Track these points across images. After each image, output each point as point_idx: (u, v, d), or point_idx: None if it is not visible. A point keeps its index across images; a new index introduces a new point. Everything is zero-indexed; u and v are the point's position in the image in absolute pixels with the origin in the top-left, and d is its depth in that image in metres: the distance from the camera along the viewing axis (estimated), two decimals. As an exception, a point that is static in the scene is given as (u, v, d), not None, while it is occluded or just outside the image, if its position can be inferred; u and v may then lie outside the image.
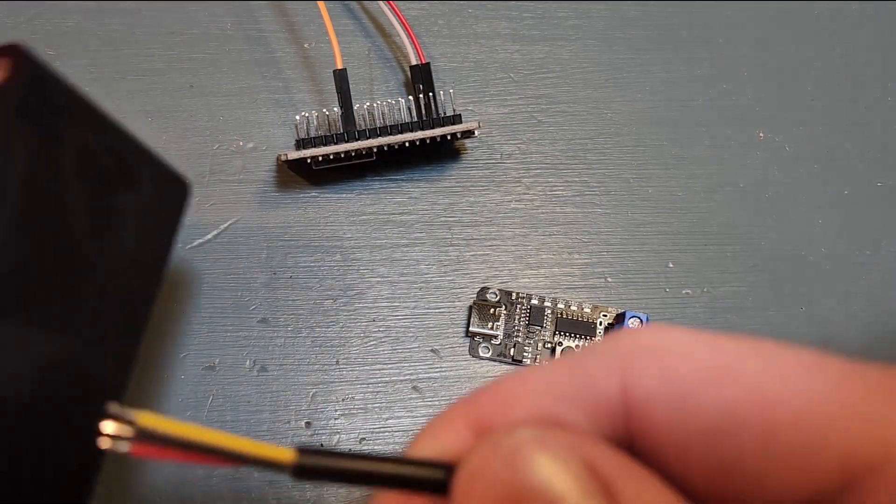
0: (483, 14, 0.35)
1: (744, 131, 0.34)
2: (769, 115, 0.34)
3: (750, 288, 0.31)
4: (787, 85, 0.35)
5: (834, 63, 0.35)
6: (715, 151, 0.33)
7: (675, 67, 0.35)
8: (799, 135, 0.34)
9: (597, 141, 0.33)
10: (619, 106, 0.34)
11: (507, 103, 0.33)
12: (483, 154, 0.32)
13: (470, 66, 0.34)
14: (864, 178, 0.34)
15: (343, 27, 0.33)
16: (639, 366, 0.13)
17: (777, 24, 0.36)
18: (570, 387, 0.13)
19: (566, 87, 0.34)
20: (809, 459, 0.12)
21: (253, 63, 0.33)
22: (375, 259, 0.30)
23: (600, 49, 0.35)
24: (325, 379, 0.29)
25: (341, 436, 0.28)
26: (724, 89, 0.34)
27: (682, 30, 0.35)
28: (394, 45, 0.33)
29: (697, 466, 0.12)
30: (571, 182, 0.32)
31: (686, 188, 0.33)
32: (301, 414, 0.28)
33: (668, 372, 0.13)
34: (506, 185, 0.32)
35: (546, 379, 0.13)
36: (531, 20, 0.35)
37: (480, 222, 0.31)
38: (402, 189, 0.32)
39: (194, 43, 0.33)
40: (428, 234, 0.31)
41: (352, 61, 0.32)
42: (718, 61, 0.35)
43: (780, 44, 0.35)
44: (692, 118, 0.34)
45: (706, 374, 0.12)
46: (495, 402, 0.13)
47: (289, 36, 0.33)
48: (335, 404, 0.28)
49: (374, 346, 0.29)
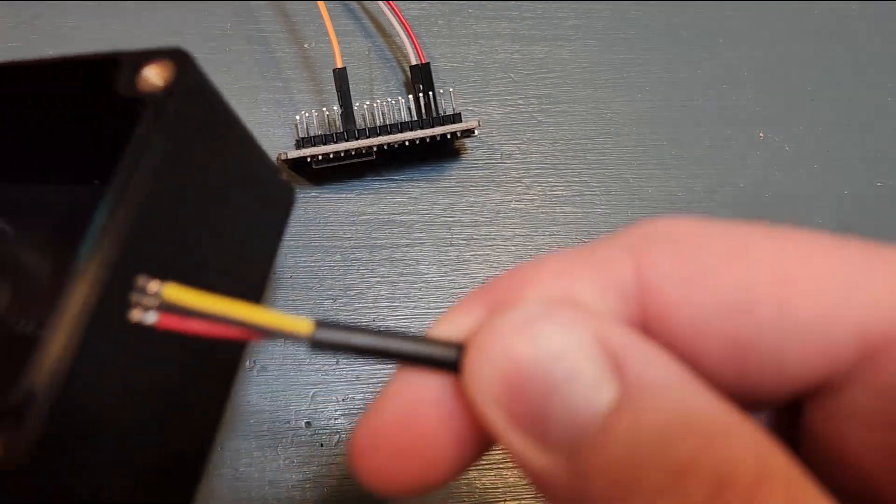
0: (483, 14, 0.35)
1: (744, 131, 0.34)
2: (769, 115, 0.34)
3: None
4: (787, 85, 0.35)
5: (834, 63, 0.35)
6: (715, 151, 0.33)
7: (676, 67, 0.35)
8: (799, 135, 0.34)
9: (597, 141, 0.33)
10: (619, 106, 0.34)
11: (507, 103, 0.33)
12: (483, 154, 0.32)
13: (470, 66, 0.34)
14: (864, 179, 0.33)
15: (343, 27, 0.33)
16: (654, 249, 0.13)
17: (777, 23, 0.36)
18: (585, 270, 0.13)
19: (566, 87, 0.34)
20: (826, 332, 0.12)
21: (253, 63, 0.33)
22: (375, 259, 0.30)
23: (600, 49, 0.35)
24: (326, 379, 0.28)
25: (342, 435, 0.28)
26: (724, 89, 0.34)
27: (682, 30, 0.35)
28: (394, 44, 0.33)
29: (713, 347, 0.12)
30: (572, 182, 0.32)
31: (686, 188, 0.33)
32: (301, 414, 0.28)
33: (682, 253, 0.12)
34: (506, 186, 0.32)
35: (562, 263, 0.13)
36: (531, 20, 0.35)
37: (480, 222, 0.31)
38: (402, 189, 0.31)
39: (194, 43, 0.33)
40: (428, 234, 0.31)
41: (352, 61, 0.32)
42: (719, 61, 0.35)
43: (780, 44, 0.35)
44: (692, 118, 0.34)
45: (721, 254, 0.12)
46: (511, 284, 0.13)
47: (289, 36, 0.33)
48: (335, 404, 0.28)
49: (374, 346, 0.29)
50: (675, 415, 0.11)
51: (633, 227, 0.13)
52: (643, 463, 0.10)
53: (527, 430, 0.12)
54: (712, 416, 0.11)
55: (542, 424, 0.11)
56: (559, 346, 0.11)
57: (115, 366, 0.16)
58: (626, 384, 0.11)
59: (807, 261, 0.12)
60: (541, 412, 0.11)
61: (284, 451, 0.27)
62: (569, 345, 0.11)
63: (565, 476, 0.11)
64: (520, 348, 0.12)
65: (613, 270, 0.13)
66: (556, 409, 0.11)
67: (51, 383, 0.14)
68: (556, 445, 0.11)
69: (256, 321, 0.13)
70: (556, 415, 0.11)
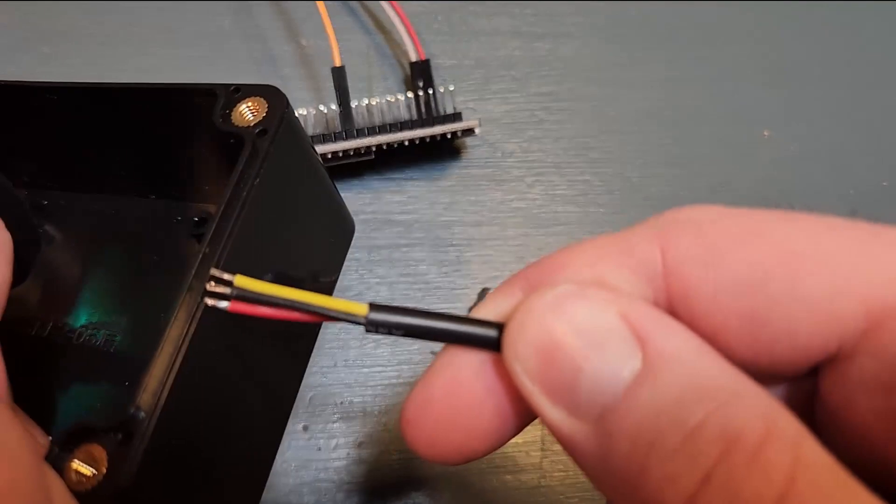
0: (484, 10, 0.34)
1: (749, 130, 0.33)
2: (774, 113, 0.34)
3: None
4: (791, 83, 0.34)
5: (840, 61, 0.35)
6: (719, 150, 0.33)
7: (680, 65, 0.34)
8: (804, 133, 0.34)
9: (599, 139, 0.33)
10: (622, 104, 0.33)
11: (509, 101, 0.33)
12: (484, 152, 0.32)
13: (471, 64, 0.33)
14: (869, 178, 0.33)
15: (342, 24, 0.33)
16: (676, 233, 0.14)
17: (783, 21, 0.35)
18: (614, 255, 0.14)
19: (569, 85, 0.33)
20: (834, 304, 0.13)
21: (250, 60, 0.33)
22: (374, 259, 0.30)
23: (604, 46, 0.34)
24: (323, 382, 0.28)
25: (339, 439, 0.27)
26: (728, 87, 0.34)
27: (686, 27, 0.35)
28: (393, 42, 0.33)
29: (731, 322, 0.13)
30: (574, 181, 0.32)
31: (689, 188, 0.32)
32: (298, 417, 0.28)
33: (702, 235, 0.14)
34: (507, 184, 0.32)
35: (592, 248, 0.15)
36: (533, 17, 0.34)
37: (481, 222, 0.31)
38: (402, 188, 0.31)
39: (191, 40, 0.33)
40: (428, 233, 0.30)
41: (350, 59, 0.31)
42: (723, 59, 0.34)
43: (785, 41, 0.35)
44: (696, 117, 0.33)
45: (737, 236, 0.14)
46: (545, 268, 0.15)
47: (286, 33, 0.33)
48: (333, 407, 0.28)
49: (373, 349, 0.29)
50: (690, 382, 0.12)
51: (660, 214, 0.15)
52: (661, 426, 0.12)
53: (559, 399, 0.13)
54: (724, 383, 0.12)
55: (572, 394, 0.13)
56: (588, 323, 0.13)
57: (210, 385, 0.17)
58: (648, 356, 0.12)
59: (816, 240, 0.13)
60: (571, 383, 0.13)
61: (281, 455, 0.27)
62: (597, 321, 0.13)
63: (593, 440, 0.12)
64: (553, 325, 0.13)
65: (640, 255, 0.14)
66: (585, 379, 0.13)
67: (155, 404, 0.15)
68: (585, 413, 0.13)
69: (318, 304, 0.14)
70: (585, 385, 0.13)
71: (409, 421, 0.15)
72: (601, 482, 0.13)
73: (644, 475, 0.12)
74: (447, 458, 0.15)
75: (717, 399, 0.12)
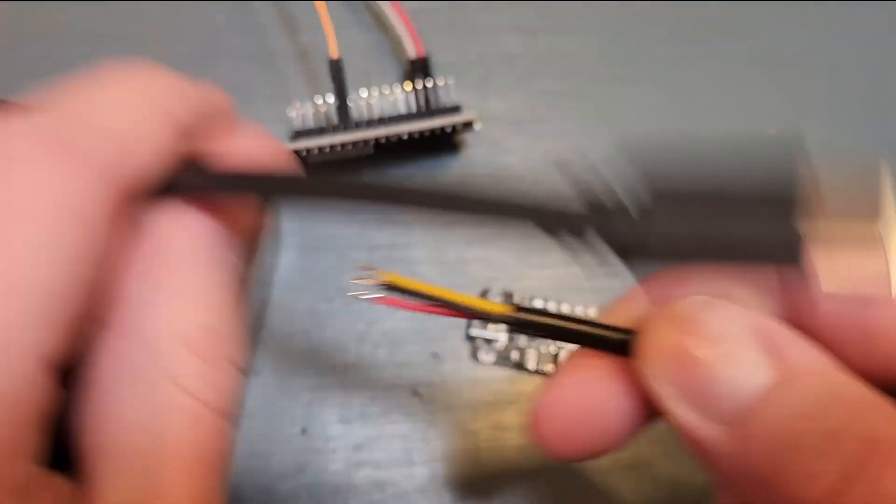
0: (485, 5, 0.34)
1: (755, 128, 0.33)
2: (781, 111, 0.33)
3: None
4: (798, 80, 0.34)
5: (847, 58, 0.35)
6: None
7: (684, 62, 0.34)
8: (811, 131, 0.33)
9: (602, 137, 0.32)
10: (625, 101, 0.33)
11: (510, 98, 0.32)
12: (485, 150, 0.32)
13: (471, 59, 0.33)
14: (877, 176, 0.33)
15: (340, 18, 0.32)
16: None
17: (788, 17, 0.35)
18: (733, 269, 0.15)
19: (571, 81, 0.33)
20: None
21: (247, 55, 0.32)
22: (373, 259, 0.30)
23: (607, 42, 0.34)
24: (321, 384, 0.28)
25: (337, 442, 0.27)
26: (733, 85, 0.34)
27: (690, 23, 0.34)
28: (392, 36, 0.33)
29: (847, 333, 0.14)
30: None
31: (695, 186, 0.32)
32: (296, 420, 0.27)
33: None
34: (508, 183, 0.31)
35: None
36: (535, 12, 0.34)
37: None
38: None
39: (186, 36, 0.32)
40: (427, 233, 0.30)
41: (348, 53, 0.31)
42: (728, 55, 0.34)
43: (791, 38, 0.35)
44: (701, 114, 0.33)
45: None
46: (671, 281, 0.16)
47: (284, 28, 0.32)
48: (331, 410, 0.27)
49: (372, 350, 0.28)
50: (829, 390, 0.13)
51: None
52: (802, 427, 0.12)
53: (693, 403, 0.14)
54: (858, 394, 0.13)
55: (707, 399, 0.14)
56: (723, 333, 0.14)
57: None
58: (787, 366, 0.13)
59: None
60: (706, 388, 0.13)
61: (279, 458, 0.27)
62: (731, 332, 0.14)
63: (727, 441, 0.13)
64: (688, 333, 0.14)
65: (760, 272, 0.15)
66: (721, 385, 0.13)
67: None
68: (719, 416, 0.13)
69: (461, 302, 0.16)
70: (720, 390, 0.13)
71: (540, 419, 0.16)
72: (735, 479, 0.14)
73: (783, 473, 0.12)
74: (574, 455, 0.16)
75: (855, 407, 0.13)
